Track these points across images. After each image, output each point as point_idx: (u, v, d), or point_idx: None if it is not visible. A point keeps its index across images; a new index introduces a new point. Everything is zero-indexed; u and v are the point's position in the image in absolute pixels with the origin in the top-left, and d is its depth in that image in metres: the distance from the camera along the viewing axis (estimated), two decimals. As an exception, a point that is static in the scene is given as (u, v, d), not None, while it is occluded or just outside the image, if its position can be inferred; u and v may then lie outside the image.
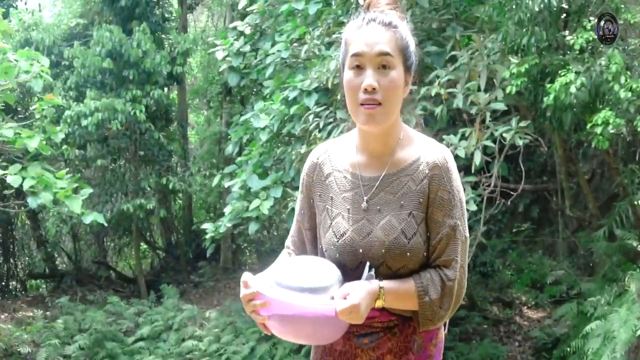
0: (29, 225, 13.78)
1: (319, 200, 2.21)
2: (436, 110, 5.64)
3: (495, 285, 10.07)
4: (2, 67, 6.28)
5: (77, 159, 12.19)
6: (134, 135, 11.88)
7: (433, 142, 2.15)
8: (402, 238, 2.04)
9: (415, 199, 2.05)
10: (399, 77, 2.03)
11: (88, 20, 13.00)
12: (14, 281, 13.50)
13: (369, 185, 2.10)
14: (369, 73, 2.00)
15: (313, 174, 2.25)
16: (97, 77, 11.45)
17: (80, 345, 9.47)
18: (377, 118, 2.01)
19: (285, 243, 2.38)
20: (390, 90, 2.00)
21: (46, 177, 6.29)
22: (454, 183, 2.08)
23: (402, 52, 2.06)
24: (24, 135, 6.54)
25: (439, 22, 6.30)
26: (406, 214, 2.05)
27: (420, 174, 2.06)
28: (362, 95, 2.00)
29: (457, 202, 2.08)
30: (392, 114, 2.04)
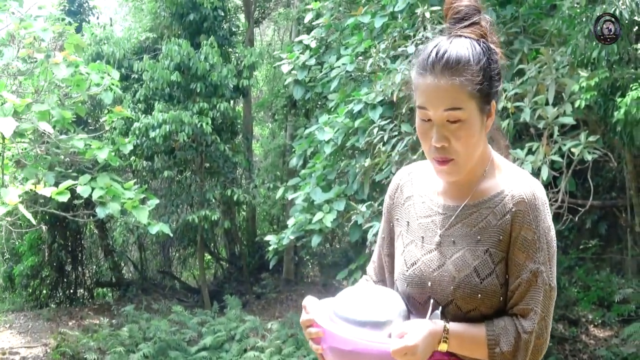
0: (97, 234, 14.06)
1: (397, 225, 2.05)
2: (503, 124, 5.56)
3: (560, 302, 9.83)
4: (74, 80, 6.44)
5: (144, 170, 12.41)
6: (200, 147, 12.04)
7: (524, 174, 1.92)
8: (474, 277, 1.83)
9: (494, 235, 1.83)
10: (472, 126, 1.79)
11: (157, 34, 13.26)
12: (81, 289, 13.77)
13: (447, 215, 1.92)
14: (436, 129, 1.79)
15: (394, 195, 2.08)
16: (165, 89, 11.65)
17: (145, 353, 9.60)
18: (451, 173, 1.84)
19: (367, 269, 2.22)
20: (462, 144, 1.79)
21: (114, 188, 6.41)
22: (541, 223, 1.83)
23: (476, 95, 1.78)
24: (94, 146, 6.68)
25: (507, 35, 6.22)
26: (482, 251, 1.83)
27: (503, 208, 1.84)
28: (432, 150, 1.81)
29: (544, 244, 1.82)
30: (467, 164, 1.84)
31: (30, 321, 11.42)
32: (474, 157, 1.85)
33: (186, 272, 15.72)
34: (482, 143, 1.87)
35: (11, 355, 9.97)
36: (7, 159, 7.34)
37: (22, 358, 9.94)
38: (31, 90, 6.95)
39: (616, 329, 8.99)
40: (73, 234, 13.39)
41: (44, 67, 6.36)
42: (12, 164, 7.89)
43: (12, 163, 7.87)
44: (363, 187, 6.51)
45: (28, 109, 6.04)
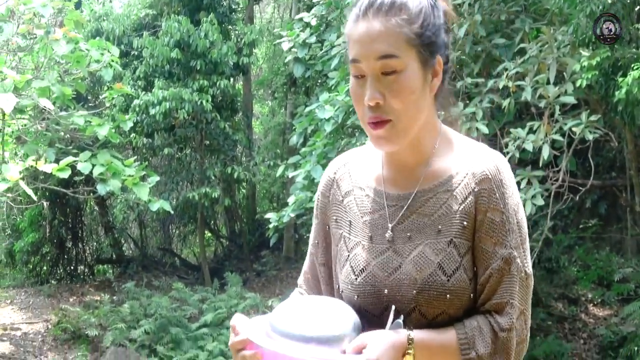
0: (97, 211, 14.10)
1: (335, 227, 1.72)
2: (503, 103, 5.56)
3: (560, 281, 9.89)
4: (74, 57, 6.42)
5: (144, 147, 12.41)
6: (200, 124, 12.03)
7: (483, 148, 1.64)
8: (440, 275, 1.54)
9: (457, 222, 1.55)
10: (411, 79, 1.52)
11: (157, 10, 13.20)
12: (82, 266, 13.82)
13: (397, 206, 1.62)
14: (369, 84, 1.52)
15: (329, 193, 1.76)
16: (165, 67, 11.62)
17: (146, 329, 9.66)
18: (389, 138, 1.55)
19: (298, 281, 1.92)
20: (400, 100, 1.51)
21: (115, 165, 6.41)
22: (509, 201, 1.56)
23: (415, 41, 1.53)
24: (94, 123, 6.68)
25: (508, 13, 6.20)
26: (445, 243, 1.55)
27: (465, 189, 1.56)
28: (367, 112, 1.54)
29: (514, 226, 1.56)
30: (410, 128, 1.56)
31: (31, 297, 11.47)
32: (416, 121, 1.57)
33: (186, 250, 15.78)
34: (427, 107, 1.59)
35: (12, 331, 10.03)
36: (8, 135, 7.33)
37: (23, 334, 10.01)
38: (31, 66, 6.94)
39: (615, 308, 9.05)
40: (73, 211, 13.42)
41: (43, 43, 6.34)
42: (13, 140, 7.89)
43: (12, 139, 7.86)
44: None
45: (28, 85, 6.03)
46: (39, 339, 9.92)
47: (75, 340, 9.89)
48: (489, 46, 6.10)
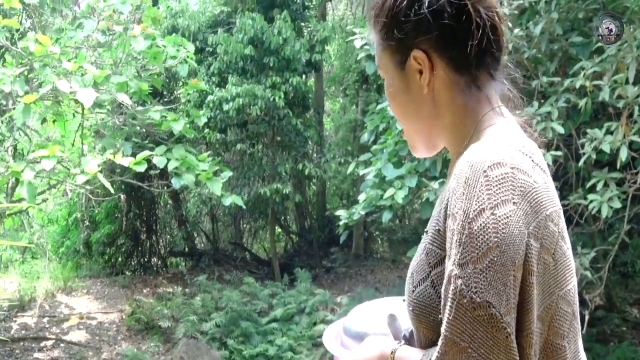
0: (171, 205, 14.34)
1: None
2: (580, 103, 5.43)
3: (636, 286, 9.60)
4: (151, 53, 6.54)
5: (217, 143, 12.57)
6: (272, 121, 12.11)
7: (486, 143, 1.31)
8: (409, 283, 1.38)
9: (433, 225, 1.35)
10: (390, 85, 1.46)
11: (232, 7, 13.34)
12: (155, 258, 14.08)
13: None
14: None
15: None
16: (238, 63, 11.73)
17: (217, 322, 9.79)
18: (410, 146, 1.53)
19: None
20: (392, 108, 1.49)
21: (189, 159, 6.51)
22: (466, 204, 1.22)
23: (383, 44, 1.44)
24: (170, 118, 6.79)
25: (586, 11, 6.05)
26: (423, 248, 1.37)
27: (447, 189, 1.32)
28: None
29: (465, 236, 1.21)
30: (413, 132, 1.48)
31: (106, 287, 11.76)
32: (414, 124, 1.46)
33: (257, 245, 15.92)
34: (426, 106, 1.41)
35: (88, 320, 10.31)
36: (86, 129, 7.53)
37: (99, 323, 10.26)
38: (109, 62, 7.10)
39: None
40: (148, 204, 13.69)
41: (122, 39, 6.49)
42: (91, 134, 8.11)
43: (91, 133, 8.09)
44: (435, 164, 6.46)
45: (107, 80, 6.18)
46: (114, 328, 10.17)
47: (148, 330, 10.09)
48: (566, 44, 5.96)
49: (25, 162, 5.66)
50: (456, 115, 1.41)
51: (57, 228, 13.99)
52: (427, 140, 1.48)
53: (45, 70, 5.94)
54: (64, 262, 12.93)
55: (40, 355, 9.19)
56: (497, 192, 1.22)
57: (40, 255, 12.93)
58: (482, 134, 1.37)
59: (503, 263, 1.19)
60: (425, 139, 1.48)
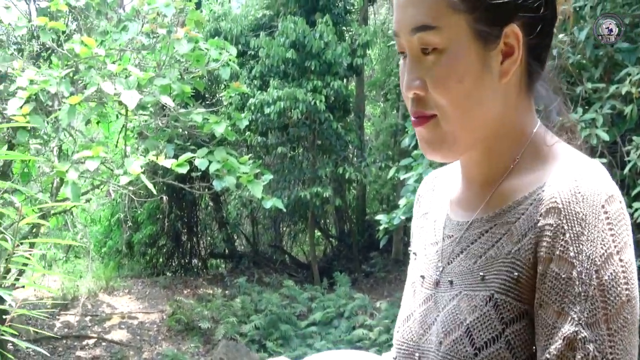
0: (212, 207, 14.43)
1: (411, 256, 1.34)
2: (625, 110, 5.33)
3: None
4: (194, 55, 6.59)
5: (258, 146, 12.63)
6: (313, 124, 12.13)
7: (577, 161, 1.08)
8: (466, 344, 1.06)
9: (505, 270, 1.05)
10: (458, 61, 1.07)
11: (274, 11, 13.40)
12: (196, 259, 14.18)
13: (453, 238, 1.18)
14: (408, 64, 1.11)
15: (415, 213, 1.39)
16: (280, 66, 11.78)
17: (256, 324, 9.83)
18: (433, 141, 1.12)
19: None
20: (444, 91, 1.08)
21: (231, 162, 6.53)
22: (587, 248, 0.98)
23: (461, 5, 1.06)
24: (212, 120, 6.83)
25: (632, 17, 5.94)
26: (483, 298, 1.06)
27: (526, 222, 1.05)
28: (410, 105, 1.14)
29: (591, 288, 0.97)
30: (463, 130, 1.11)
31: (147, 288, 11.88)
32: (473, 120, 1.10)
33: (296, 248, 15.94)
34: (496, 102, 1.11)
35: (130, 320, 10.42)
36: (130, 131, 7.62)
37: (140, 323, 10.37)
38: (153, 64, 7.17)
39: None
40: (189, 206, 13.80)
41: (165, 42, 6.54)
42: (134, 135, 8.20)
43: (134, 135, 8.18)
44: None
45: (150, 82, 6.23)
46: (154, 328, 10.27)
47: (188, 331, 10.17)
48: (611, 50, 5.86)
49: (70, 163, 5.74)
50: (509, 115, 1.13)
51: (100, 228, 14.18)
52: (468, 140, 1.12)
53: (90, 72, 6.02)
54: (106, 261, 13.10)
55: (82, 353, 9.32)
56: (620, 233, 1.00)
57: (83, 255, 13.12)
58: (556, 153, 1.11)
59: (633, 321, 0.99)
60: (467, 138, 1.12)
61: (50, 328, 9.71)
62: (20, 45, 7.55)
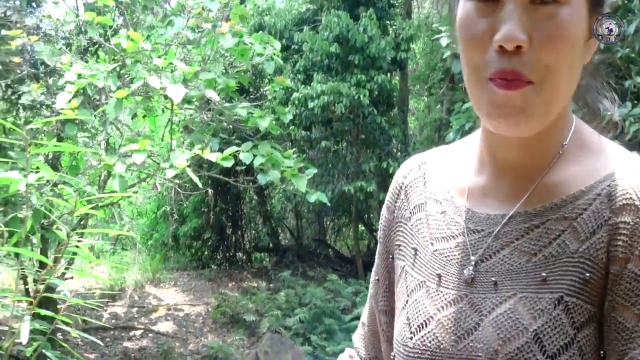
0: (256, 200, 14.51)
1: (398, 257, 1.20)
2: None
3: None
4: (238, 50, 6.63)
5: (302, 140, 12.66)
6: (357, 118, 12.11)
7: (625, 156, 1.03)
8: (535, 352, 0.96)
9: (574, 270, 0.97)
10: (577, 22, 0.95)
11: (317, 5, 13.41)
12: (240, 252, 14.27)
13: (484, 232, 1.06)
14: (511, 11, 0.92)
15: (394, 206, 1.25)
16: (324, 61, 11.78)
17: (300, 318, 9.86)
18: (524, 111, 0.95)
19: (353, 337, 1.44)
20: (557, 51, 0.93)
21: (275, 156, 6.56)
22: None
23: None
24: (256, 114, 6.86)
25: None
26: (551, 301, 0.97)
27: (593, 218, 0.97)
28: (492, 61, 0.95)
29: None
30: (556, 103, 0.98)
31: (193, 280, 12.00)
32: (568, 93, 1.00)
33: (340, 242, 15.95)
34: (575, 85, 1.01)
35: (176, 312, 10.55)
36: (175, 125, 7.70)
37: (185, 315, 10.49)
38: (198, 59, 7.23)
39: None
40: (234, 199, 13.90)
41: (210, 36, 6.59)
42: (180, 129, 8.29)
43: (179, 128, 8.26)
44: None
45: (195, 76, 6.29)
46: (200, 320, 10.37)
47: (233, 324, 10.25)
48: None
49: (117, 156, 5.82)
50: (568, 105, 1.05)
51: (146, 221, 14.37)
52: (552, 116, 0.99)
53: (136, 66, 6.10)
54: (152, 254, 13.27)
55: (129, 344, 9.46)
56: None
57: (130, 247, 13.31)
58: (600, 144, 1.06)
59: None
60: (554, 113, 0.99)
61: (99, 319, 9.87)
62: (69, 40, 7.67)
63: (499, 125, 0.98)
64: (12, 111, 7.50)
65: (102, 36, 6.81)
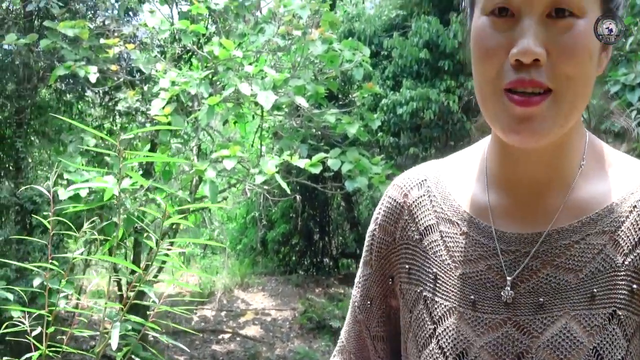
0: (344, 207, 14.52)
1: (407, 281, 1.13)
2: None
3: None
4: (328, 56, 6.65)
5: (390, 146, 12.57)
6: (446, 125, 11.96)
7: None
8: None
9: (622, 283, 0.97)
10: (590, 41, 0.95)
11: (407, 11, 13.32)
12: (327, 258, 14.30)
13: (518, 252, 1.02)
14: (528, 26, 0.92)
15: (395, 226, 1.17)
16: (413, 67, 11.69)
17: (385, 325, 9.80)
18: (540, 124, 0.94)
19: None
20: (575, 63, 0.93)
21: (363, 162, 6.55)
22: None
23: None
24: (344, 121, 6.87)
25: None
26: (604, 317, 0.96)
27: (633, 230, 0.98)
28: (509, 73, 0.95)
29: None
30: (574, 113, 0.97)
31: (280, 285, 12.10)
32: (584, 103, 0.99)
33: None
34: (589, 98, 1.00)
35: (263, 316, 10.65)
36: (265, 131, 7.78)
37: (272, 319, 10.58)
38: (288, 65, 7.29)
39: None
40: (321, 205, 13.94)
41: (300, 43, 6.64)
42: (269, 135, 8.37)
43: (269, 135, 8.35)
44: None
45: (285, 83, 6.34)
46: (287, 325, 10.44)
47: (319, 330, 10.27)
48: None
49: (208, 162, 5.92)
50: (580, 120, 1.06)
51: (236, 226, 14.57)
52: (568, 127, 0.99)
53: (228, 73, 6.19)
54: (241, 258, 13.45)
55: (218, 347, 9.60)
56: None
57: (220, 252, 13.52)
58: (614, 155, 1.07)
59: None
60: (570, 123, 0.98)
61: (188, 322, 10.06)
62: (163, 47, 7.87)
63: (515, 139, 0.97)
64: (109, 117, 7.74)
65: (195, 44, 6.95)
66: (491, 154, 1.13)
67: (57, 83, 7.23)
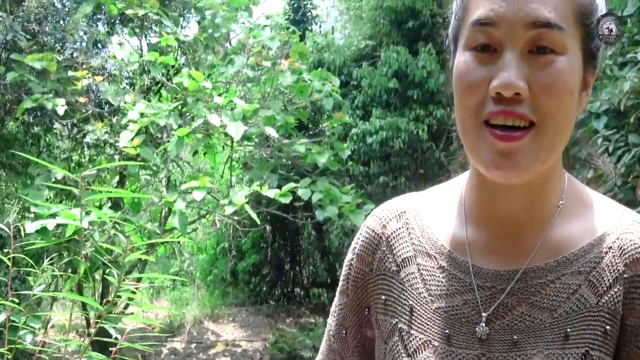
0: (314, 236, 14.50)
1: (383, 312, 1.13)
2: None
3: None
4: (297, 87, 6.69)
5: (360, 175, 12.61)
6: (415, 153, 12.04)
7: (622, 208, 1.06)
8: None
9: (596, 324, 0.98)
10: (573, 70, 0.96)
11: (376, 41, 13.44)
12: (298, 288, 14.25)
13: (494, 289, 1.02)
14: (510, 60, 0.94)
15: (373, 257, 1.17)
16: (382, 96, 11.78)
17: (357, 355, 9.76)
18: (522, 158, 0.95)
19: None
20: (555, 98, 0.94)
21: (333, 192, 6.56)
22: None
23: (584, 19, 0.98)
24: (314, 150, 6.89)
25: None
26: (577, 356, 0.97)
27: (608, 272, 0.99)
28: (490, 105, 0.97)
29: None
30: (556, 148, 0.99)
31: (251, 316, 12.02)
32: (565, 139, 1.00)
33: (398, 278, 15.78)
34: (569, 136, 1.02)
35: (233, 347, 10.56)
36: (235, 161, 7.77)
37: (243, 351, 10.48)
38: (257, 96, 7.31)
39: None
40: (292, 235, 13.91)
41: (270, 74, 6.68)
42: (239, 166, 8.36)
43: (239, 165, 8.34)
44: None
45: (255, 114, 6.36)
46: (257, 356, 10.35)
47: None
48: None
49: (178, 193, 5.89)
50: (559, 159, 1.06)
51: (206, 256, 14.47)
52: (550, 163, 1.00)
53: (197, 104, 6.20)
54: (211, 289, 13.35)
55: (188, 379, 9.49)
56: None
57: (190, 283, 13.41)
58: (591, 195, 1.08)
59: None
60: (553, 159, 1.00)
61: (158, 355, 9.93)
62: (132, 79, 7.84)
63: (497, 175, 0.98)
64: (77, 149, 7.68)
65: (164, 75, 6.95)
66: (470, 189, 1.13)
67: (24, 116, 7.16)
